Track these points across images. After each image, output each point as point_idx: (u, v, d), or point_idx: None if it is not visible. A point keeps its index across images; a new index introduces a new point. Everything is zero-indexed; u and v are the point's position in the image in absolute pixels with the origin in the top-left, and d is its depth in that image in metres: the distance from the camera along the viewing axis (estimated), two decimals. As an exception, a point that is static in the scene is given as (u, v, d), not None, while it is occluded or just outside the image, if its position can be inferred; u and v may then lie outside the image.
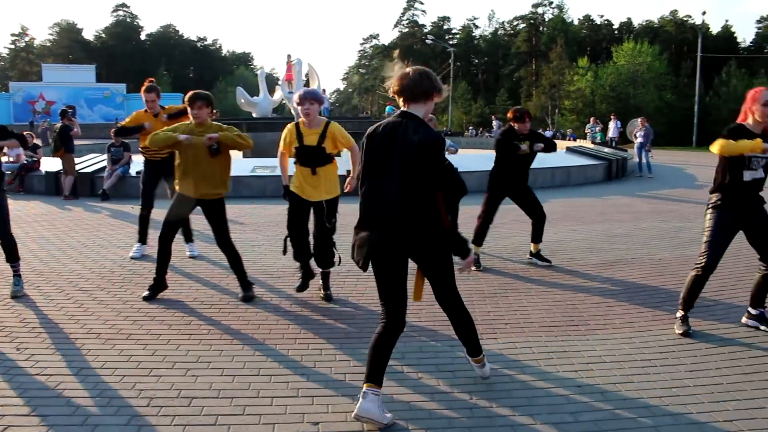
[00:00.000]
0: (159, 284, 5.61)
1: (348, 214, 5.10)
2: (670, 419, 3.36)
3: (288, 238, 5.44)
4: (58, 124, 14.11)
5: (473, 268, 6.25)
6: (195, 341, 4.51)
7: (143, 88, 7.18)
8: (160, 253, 5.55)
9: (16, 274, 5.69)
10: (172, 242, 5.61)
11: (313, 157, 5.25)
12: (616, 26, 79.27)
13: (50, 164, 14.88)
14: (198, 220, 7.08)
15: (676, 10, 73.56)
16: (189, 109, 5.45)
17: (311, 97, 5.19)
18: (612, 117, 28.55)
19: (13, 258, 5.70)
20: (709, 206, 4.67)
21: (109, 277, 6.34)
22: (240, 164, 15.44)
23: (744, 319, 4.86)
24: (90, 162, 14.90)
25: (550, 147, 7.00)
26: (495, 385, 3.80)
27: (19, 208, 11.09)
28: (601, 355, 4.27)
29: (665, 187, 15.47)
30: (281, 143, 5.45)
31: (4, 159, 15.70)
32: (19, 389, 3.68)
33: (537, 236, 6.95)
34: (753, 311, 4.81)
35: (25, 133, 16.96)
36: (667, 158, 25.77)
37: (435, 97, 3.27)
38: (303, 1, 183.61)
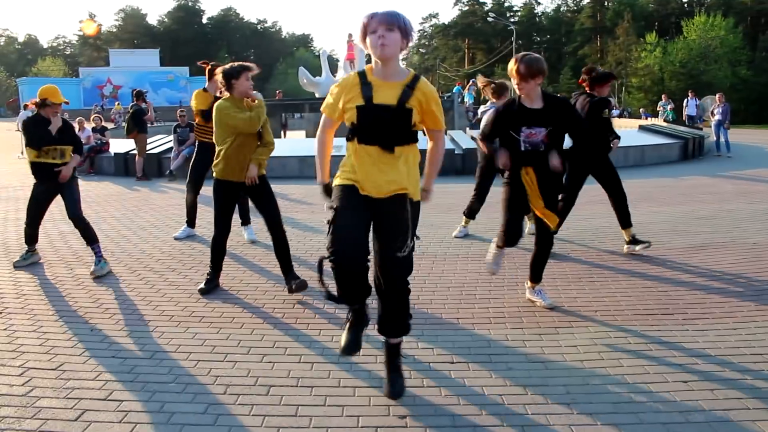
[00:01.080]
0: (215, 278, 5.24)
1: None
2: None
3: (328, 260, 2.98)
4: (130, 107, 14.33)
5: None
6: (269, 326, 4.36)
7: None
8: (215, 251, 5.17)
9: (98, 255, 5.69)
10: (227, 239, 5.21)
11: (390, 125, 3.00)
12: (686, -1, 76.03)
13: (119, 146, 15.14)
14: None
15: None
16: (235, 81, 4.86)
17: (390, 21, 2.89)
18: (690, 94, 26.81)
19: (91, 239, 5.71)
20: None
21: (179, 258, 6.28)
22: (305, 144, 15.38)
23: None
24: (157, 143, 15.06)
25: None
26: (590, 378, 3.49)
27: (90, 189, 11.27)
28: (705, 348, 3.90)
29: (747, 167, 14.60)
30: (327, 107, 3.16)
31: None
32: (95, 371, 3.60)
33: (625, 220, 6.42)
34: None
35: (94, 115, 17.41)
36: (744, 137, 24.43)
37: None
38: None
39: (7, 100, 75.59)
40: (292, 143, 15.61)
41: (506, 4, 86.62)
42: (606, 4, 75.56)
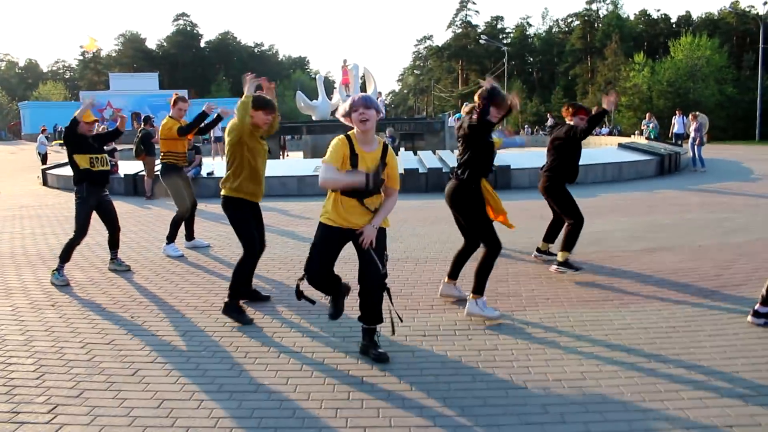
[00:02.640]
0: (255, 296, 5.60)
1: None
2: (683, 370, 3.92)
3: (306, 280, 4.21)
4: (138, 131, 15.27)
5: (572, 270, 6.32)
6: (287, 329, 5.28)
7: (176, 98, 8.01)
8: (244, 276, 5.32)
9: (115, 257, 6.93)
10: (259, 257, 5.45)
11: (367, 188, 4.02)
12: (674, 20, 77.81)
13: (128, 167, 16.10)
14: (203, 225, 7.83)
15: (737, 1, 71.45)
16: (264, 116, 5.16)
17: (368, 103, 4.04)
18: (678, 113, 27.67)
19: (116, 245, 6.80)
20: None
21: (196, 263, 7.21)
22: (303, 164, 16.37)
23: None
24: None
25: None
26: (533, 347, 4.42)
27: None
28: (630, 323, 4.84)
29: (719, 180, 15.58)
30: (332, 160, 4.03)
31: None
32: (146, 348, 4.52)
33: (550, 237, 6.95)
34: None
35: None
36: (726, 153, 25.54)
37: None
38: (357, 4, 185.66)
39: (8, 123, 76.95)
40: (291, 163, 16.58)
41: (499, 26, 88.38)
42: (596, 25, 77.26)
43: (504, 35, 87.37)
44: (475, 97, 5.07)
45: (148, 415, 3.44)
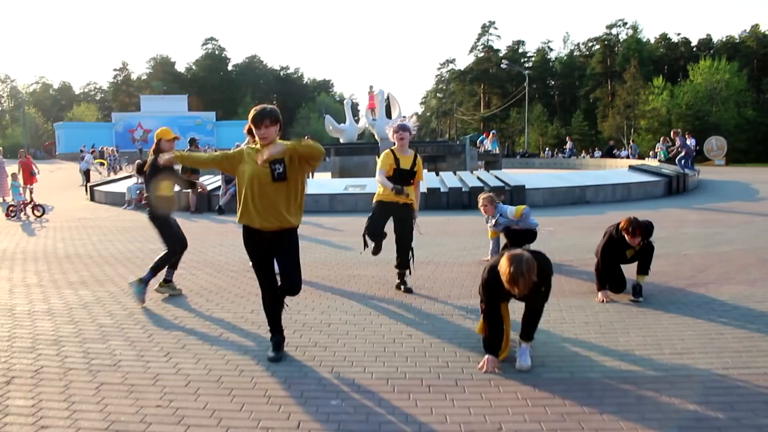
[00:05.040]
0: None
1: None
2: (599, 348, 5.03)
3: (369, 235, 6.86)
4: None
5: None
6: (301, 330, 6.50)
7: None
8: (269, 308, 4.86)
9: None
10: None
11: (407, 177, 6.66)
12: (694, 43, 78.52)
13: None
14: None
15: (757, 24, 72.14)
16: (254, 130, 4.50)
17: (403, 127, 6.79)
18: (687, 135, 29.01)
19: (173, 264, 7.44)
20: None
21: (246, 267, 8.47)
22: (334, 183, 17.69)
23: None
24: (207, 182, 17.43)
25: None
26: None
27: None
28: (607, 309, 5.98)
29: (723, 200, 16.50)
30: (384, 166, 6.65)
31: (134, 180, 18.57)
32: (206, 328, 5.75)
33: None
34: None
35: (138, 162, 19.79)
36: (742, 175, 26.31)
37: None
38: (381, 28, 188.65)
39: (43, 143, 79.63)
40: (323, 182, 17.82)
41: (520, 50, 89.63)
42: (615, 49, 78.18)
43: (525, 59, 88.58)
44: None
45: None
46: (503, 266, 4.16)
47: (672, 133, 21.03)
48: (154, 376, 4.33)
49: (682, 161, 20.55)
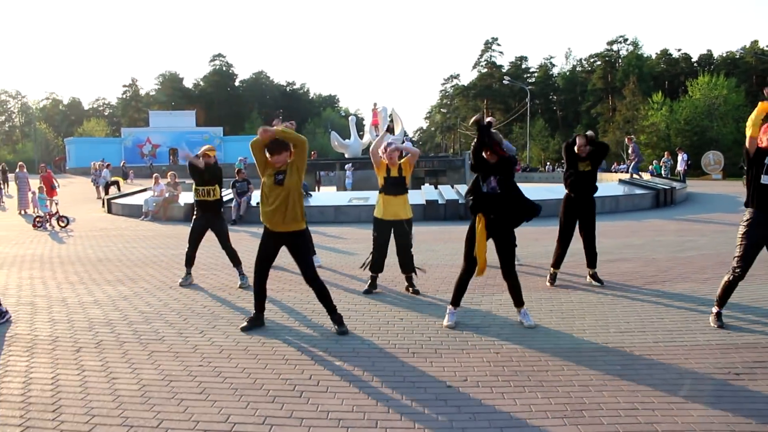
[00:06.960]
0: (257, 319, 6.13)
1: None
2: (557, 329, 6.07)
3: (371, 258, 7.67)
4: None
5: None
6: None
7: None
8: (257, 291, 6.13)
9: (241, 273, 8.18)
10: (266, 279, 6.19)
11: (399, 183, 7.46)
12: (695, 59, 79.71)
13: (188, 197, 18.64)
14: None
15: (756, 41, 73.29)
16: (270, 157, 5.60)
17: (393, 148, 7.54)
18: (678, 150, 30.42)
19: (236, 263, 8.25)
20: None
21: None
22: (339, 196, 18.81)
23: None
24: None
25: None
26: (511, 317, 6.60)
27: (170, 230, 14.63)
28: (572, 303, 7.01)
29: (706, 212, 17.46)
30: (379, 170, 7.65)
31: (150, 193, 19.71)
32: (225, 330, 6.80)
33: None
34: None
35: (170, 172, 20.89)
36: (731, 189, 27.21)
37: None
38: (386, 45, 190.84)
39: (53, 158, 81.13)
40: (328, 195, 18.97)
41: (523, 66, 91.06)
42: (616, 65, 79.44)
43: (528, 75, 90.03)
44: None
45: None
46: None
47: (627, 139, 23.78)
48: (194, 347, 5.40)
49: (631, 166, 23.64)
